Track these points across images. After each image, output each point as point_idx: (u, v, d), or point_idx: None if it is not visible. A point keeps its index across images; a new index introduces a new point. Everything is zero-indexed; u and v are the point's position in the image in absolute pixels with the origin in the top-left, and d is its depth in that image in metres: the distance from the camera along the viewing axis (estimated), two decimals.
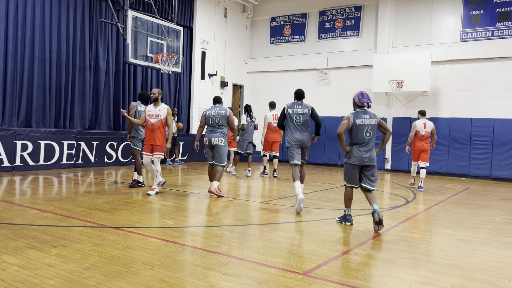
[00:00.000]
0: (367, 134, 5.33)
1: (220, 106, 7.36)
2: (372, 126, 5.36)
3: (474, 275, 3.68)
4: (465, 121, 12.87)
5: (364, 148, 5.32)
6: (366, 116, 5.37)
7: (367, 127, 5.33)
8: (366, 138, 5.33)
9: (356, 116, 5.36)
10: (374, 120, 5.39)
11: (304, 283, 3.32)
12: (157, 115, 7.28)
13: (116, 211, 5.84)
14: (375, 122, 5.40)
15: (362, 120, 5.34)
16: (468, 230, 5.50)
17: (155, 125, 7.25)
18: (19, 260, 3.62)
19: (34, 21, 10.62)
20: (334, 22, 15.47)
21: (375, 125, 5.40)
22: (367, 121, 5.35)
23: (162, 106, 7.35)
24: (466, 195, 8.96)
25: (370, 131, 5.34)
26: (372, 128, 5.37)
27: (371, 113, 5.40)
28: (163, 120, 7.31)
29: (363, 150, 5.31)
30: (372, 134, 5.37)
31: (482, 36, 12.81)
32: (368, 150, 5.32)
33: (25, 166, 9.99)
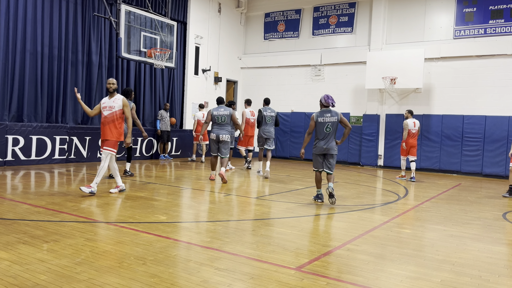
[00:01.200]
0: (327, 129, 6.48)
1: (224, 107, 8.08)
2: (332, 122, 6.47)
3: (465, 270, 3.72)
4: (457, 118, 12.96)
5: (323, 141, 6.49)
6: (328, 114, 6.49)
7: (327, 123, 6.47)
8: (325, 132, 6.48)
9: (319, 115, 6.53)
10: (335, 118, 6.47)
11: (296, 278, 3.34)
12: (111, 106, 6.64)
13: (109, 206, 5.82)
14: (335, 120, 6.48)
15: (323, 118, 6.50)
16: (459, 226, 5.56)
17: (108, 117, 6.62)
18: (11, 255, 3.59)
19: (26, 14, 10.49)
20: (328, 18, 15.48)
21: (335, 122, 6.49)
22: (328, 119, 6.48)
23: (117, 97, 6.72)
24: (457, 192, 9.04)
25: (330, 127, 6.48)
26: (332, 124, 6.48)
27: (334, 112, 6.49)
28: (117, 113, 6.65)
29: (323, 143, 6.49)
30: (332, 129, 6.48)
31: (475, 34, 12.89)
32: (327, 142, 6.48)
33: (17, 161, 9.91)
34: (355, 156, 14.67)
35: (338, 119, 6.48)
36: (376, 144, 14.29)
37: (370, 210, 6.44)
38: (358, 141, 14.58)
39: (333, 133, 6.49)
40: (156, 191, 7.33)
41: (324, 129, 6.48)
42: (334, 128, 6.50)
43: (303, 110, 15.67)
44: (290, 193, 7.81)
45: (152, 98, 14.03)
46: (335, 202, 6.50)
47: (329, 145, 6.47)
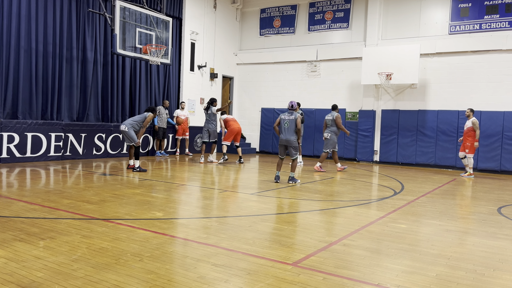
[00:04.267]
0: (285, 125, 8.49)
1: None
2: (289, 120, 8.47)
3: (460, 265, 3.75)
4: (452, 113, 13.01)
5: (283, 134, 8.53)
6: (288, 114, 8.54)
7: (286, 121, 8.50)
8: (284, 127, 8.51)
9: (282, 115, 8.62)
10: (293, 117, 8.45)
11: (293, 273, 3.35)
12: None
13: (105, 203, 5.81)
14: (293, 118, 8.44)
15: (284, 117, 8.57)
16: (454, 221, 5.60)
17: None
18: (7, 252, 3.59)
19: (20, 11, 10.41)
20: (324, 14, 15.46)
21: (292, 120, 8.45)
22: (287, 118, 8.52)
23: None
24: (452, 186, 9.09)
25: (287, 123, 8.47)
26: (290, 121, 8.47)
27: (294, 113, 8.50)
28: None
29: (282, 135, 8.54)
30: (289, 125, 8.45)
31: (470, 29, 12.92)
32: (285, 135, 8.49)
33: (12, 158, 9.87)
34: (351, 152, 14.71)
35: (295, 118, 8.43)
36: (372, 140, 14.33)
37: (366, 205, 6.47)
38: (354, 136, 14.61)
39: (290, 129, 8.43)
40: (153, 187, 7.32)
41: (283, 124, 8.54)
42: (291, 124, 8.43)
43: None
44: (286, 189, 7.82)
45: (147, 94, 13.99)
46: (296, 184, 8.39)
47: (287, 138, 8.49)
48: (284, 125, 8.47)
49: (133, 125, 9.27)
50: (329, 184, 8.70)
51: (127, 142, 9.44)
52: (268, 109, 16.40)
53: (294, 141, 8.45)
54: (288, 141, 8.44)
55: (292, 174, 8.58)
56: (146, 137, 13.21)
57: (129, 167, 9.58)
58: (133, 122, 9.32)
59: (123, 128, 9.23)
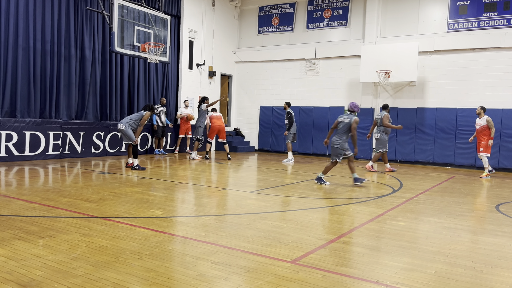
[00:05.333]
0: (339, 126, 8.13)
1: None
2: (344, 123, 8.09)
3: (458, 262, 3.76)
4: (451, 111, 13.03)
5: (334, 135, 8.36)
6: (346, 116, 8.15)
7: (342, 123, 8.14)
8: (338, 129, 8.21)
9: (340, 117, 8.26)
10: (348, 120, 8.03)
11: (292, 271, 3.36)
12: None
13: (104, 201, 5.81)
14: (348, 122, 8.04)
15: (341, 119, 8.17)
16: (452, 218, 5.61)
17: None
18: (6, 251, 3.59)
19: (18, 8, 10.38)
20: (323, 12, 15.45)
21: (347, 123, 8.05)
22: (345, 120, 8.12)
23: None
24: (451, 184, 9.11)
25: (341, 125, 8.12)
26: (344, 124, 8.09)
27: (351, 115, 8.05)
28: None
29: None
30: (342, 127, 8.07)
31: (469, 27, 12.93)
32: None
33: (10, 156, 9.85)
34: None
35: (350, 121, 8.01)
36: (371, 138, 14.33)
37: (365, 203, 6.48)
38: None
39: (342, 131, 8.08)
40: (152, 186, 7.32)
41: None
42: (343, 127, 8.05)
43: (297, 104, 15.66)
44: (285, 186, 7.83)
45: (146, 92, 13.97)
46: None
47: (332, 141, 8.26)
48: (340, 127, 8.13)
49: (131, 123, 9.28)
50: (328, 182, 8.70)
51: (125, 141, 9.45)
52: (267, 107, 16.40)
53: (337, 144, 8.06)
54: (332, 142, 8.19)
55: (354, 175, 8.17)
56: (144, 135, 13.21)
57: (127, 166, 9.58)
58: (130, 120, 9.32)
59: (120, 127, 9.23)
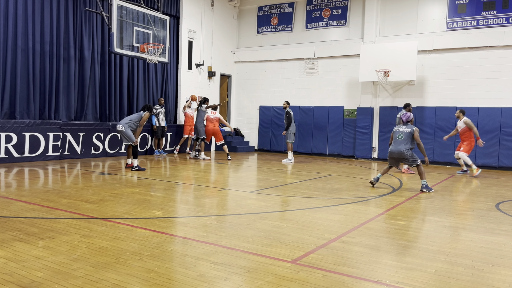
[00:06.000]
0: (399, 137, 7.77)
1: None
2: (404, 133, 7.77)
3: (458, 260, 3.77)
4: (450, 110, 13.03)
5: (393, 145, 7.87)
6: (404, 126, 7.84)
7: (400, 133, 7.81)
8: (397, 139, 7.84)
9: (396, 127, 7.98)
10: (409, 130, 7.71)
11: (292, 271, 3.36)
12: None
13: (104, 202, 5.81)
14: (409, 131, 7.71)
15: (398, 129, 7.88)
16: (452, 217, 5.61)
17: None
18: (6, 252, 3.58)
19: (17, 10, 10.37)
20: (322, 11, 15.45)
21: (408, 133, 7.73)
22: (401, 130, 7.82)
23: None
24: (451, 183, 9.11)
25: (401, 136, 7.77)
26: (404, 134, 7.75)
27: (409, 125, 7.77)
28: None
29: (393, 146, 7.88)
30: (403, 138, 7.74)
31: (468, 26, 12.93)
32: (396, 146, 7.79)
33: (10, 158, 9.85)
34: (349, 149, 14.73)
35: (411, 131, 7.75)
36: (370, 137, 14.35)
37: (365, 202, 6.48)
38: (352, 134, 14.63)
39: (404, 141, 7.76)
40: (152, 186, 7.32)
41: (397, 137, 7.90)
42: (405, 137, 7.75)
43: (297, 104, 15.66)
44: (285, 186, 7.83)
45: (145, 93, 13.97)
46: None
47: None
48: (398, 137, 7.78)
49: (130, 124, 9.25)
50: (327, 181, 8.71)
51: (125, 142, 9.43)
52: (267, 107, 16.40)
53: (407, 153, 7.68)
54: (400, 153, 7.72)
55: (423, 181, 7.70)
56: (144, 136, 13.20)
57: (127, 166, 9.58)
58: (129, 121, 9.30)
59: (120, 128, 9.20)
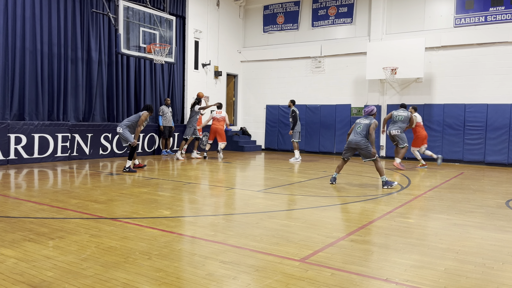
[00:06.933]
0: (358, 128, 7.76)
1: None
2: (363, 124, 7.73)
3: (468, 258, 3.73)
4: (458, 107, 12.93)
5: (352, 135, 7.89)
6: (363, 118, 7.83)
7: (359, 124, 7.78)
8: (356, 130, 7.80)
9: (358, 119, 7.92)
10: (367, 121, 7.70)
11: (301, 269, 3.36)
12: None
13: (112, 202, 5.84)
14: (368, 123, 7.70)
15: (359, 120, 7.87)
16: (462, 215, 5.57)
17: None
18: (17, 252, 3.62)
19: (25, 12, 10.47)
20: (328, 9, 15.39)
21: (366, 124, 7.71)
22: (362, 122, 7.79)
23: None
24: (460, 180, 9.04)
25: (360, 127, 7.74)
26: (363, 126, 7.72)
27: (370, 118, 7.74)
28: None
29: (351, 137, 7.92)
30: (361, 129, 7.70)
31: (476, 22, 12.81)
32: (355, 137, 7.78)
33: (20, 159, 9.94)
34: None
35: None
36: (378, 135, 14.27)
37: (373, 200, 6.46)
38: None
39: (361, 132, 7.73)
40: (159, 186, 7.35)
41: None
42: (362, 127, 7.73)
43: (304, 103, 15.63)
44: (293, 185, 7.82)
45: (152, 93, 14.02)
46: None
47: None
48: (357, 128, 7.80)
49: (128, 125, 9.11)
50: None
51: (124, 143, 9.30)
52: (273, 106, 16.39)
53: (363, 144, 7.66)
54: (357, 143, 7.69)
55: (383, 178, 7.68)
56: (152, 136, 13.26)
57: (135, 166, 9.61)
58: (128, 122, 9.17)
59: (118, 130, 9.08)
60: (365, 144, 7.65)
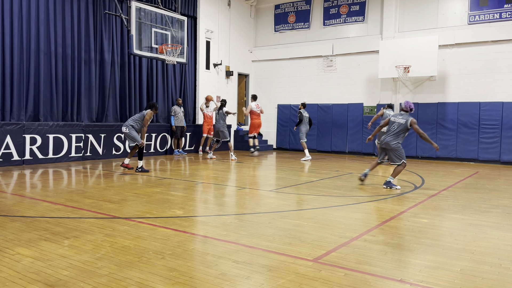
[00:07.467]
0: (393, 127, 7.48)
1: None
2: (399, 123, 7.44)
3: (484, 259, 3.68)
4: (473, 105, 12.74)
5: (386, 135, 7.57)
6: (400, 116, 7.52)
7: (395, 123, 7.49)
8: (391, 129, 7.52)
9: (393, 116, 7.61)
10: (404, 120, 7.40)
11: (314, 269, 3.34)
12: None
13: (126, 202, 5.90)
14: (404, 122, 7.39)
15: (395, 119, 7.54)
16: (477, 214, 5.49)
17: None
18: (33, 251, 3.67)
19: (39, 14, 10.62)
20: (339, 8, 15.30)
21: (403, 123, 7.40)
22: (398, 120, 7.47)
23: None
24: (475, 180, 8.91)
25: (395, 126, 7.47)
26: (399, 125, 7.44)
27: (406, 116, 7.44)
28: None
29: (384, 137, 7.62)
30: (396, 128, 7.43)
31: (490, 19, 12.61)
32: (386, 137, 7.54)
33: (35, 159, 10.09)
34: (369, 147, 14.56)
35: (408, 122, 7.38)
36: None
37: (387, 200, 6.40)
38: (372, 131, 14.44)
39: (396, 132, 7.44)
40: (172, 186, 7.39)
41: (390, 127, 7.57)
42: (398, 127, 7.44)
43: (315, 102, 15.58)
44: (305, 185, 7.80)
45: (164, 94, 14.11)
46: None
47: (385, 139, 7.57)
48: (391, 127, 7.48)
49: (134, 125, 9.10)
50: (348, 179, 8.63)
51: (130, 143, 9.28)
52: (285, 105, 16.36)
53: (395, 145, 7.39)
54: (388, 144, 7.44)
55: (390, 178, 7.54)
56: (164, 136, 13.34)
57: (122, 165, 9.40)
58: (134, 121, 9.14)
59: (124, 130, 9.06)
60: (396, 146, 7.40)
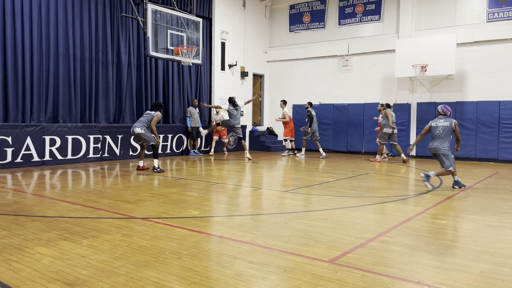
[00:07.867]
0: (437, 132, 7.41)
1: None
2: (443, 127, 7.38)
3: (505, 261, 3.60)
4: (493, 104, 12.50)
5: (433, 141, 7.50)
6: (442, 120, 7.44)
7: (438, 128, 7.42)
8: (436, 134, 7.45)
9: (433, 122, 7.56)
10: (447, 123, 7.34)
11: (330, 270, 3.33)
12: None
13: (143, 202, 5.96)
14: (448, 125, 7.33)
15: (436, 123, 7.48)
16: (497, 216, 5.38)
17: None
18: (52, 251, 3.74)
19: (57, 18, 10.82)
20: (355, 7, 15.19)
21: (447, 126, 7.35)
22: (440, 124, 7.40)
23: None
24: (495, 180, 8.73)
25: (440, 130, 7.38)
26: (443, 128, 7.36)
27: (449, 119, 7.37)
28: None
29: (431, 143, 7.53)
30: (442, 132, 7.35)
31: (510, 16, 12.35)
32: (433, 143, 7.48)
33: (54, 160, 10.28)
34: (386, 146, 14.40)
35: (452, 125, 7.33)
36: (408, 134, 13.98)
37: (404, 201, 6.33)
38: None
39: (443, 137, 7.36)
40: (188, 186, 7.44)
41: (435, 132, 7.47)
42: (444, 131, 7.35)
43: (331, 102, 15.49)
44: (321, 185, 7.76)
45: (180, 95, 14.22)
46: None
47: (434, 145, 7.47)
48: (436, 132, 7.40)
49: (146, 126, 9.18)
50: (364, 180, 8.56)
51: (144, 143, 9.34)
52: (300, 105, 16.31)
53: (445, 151, 7.31)
54: (436, 149, 7.37)
55: (455, 177, 7.48)
56: (180, 137, 13.44)
57: (138, 169, 9.50)
58: (145, 123, 9.19)
59: (139, 131, 9.11)
60: (446, 152, 7.32)
